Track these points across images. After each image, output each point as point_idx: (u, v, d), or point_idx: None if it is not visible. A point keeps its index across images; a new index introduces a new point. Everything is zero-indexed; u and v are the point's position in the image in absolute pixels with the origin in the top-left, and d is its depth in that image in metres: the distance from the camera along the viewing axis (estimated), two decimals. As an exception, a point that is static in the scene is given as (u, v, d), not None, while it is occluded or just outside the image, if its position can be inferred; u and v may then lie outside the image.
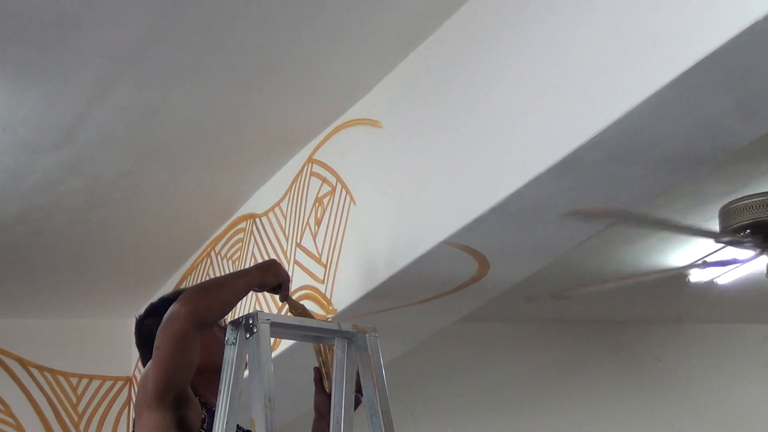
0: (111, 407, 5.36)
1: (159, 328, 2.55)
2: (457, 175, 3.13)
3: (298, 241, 3.97)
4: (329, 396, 2.63)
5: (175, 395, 2.51)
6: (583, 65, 2.68)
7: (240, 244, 4.38)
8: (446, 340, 5.45)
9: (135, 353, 5.37)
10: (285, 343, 3.76)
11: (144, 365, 2.77)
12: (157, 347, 2.53)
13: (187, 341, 2.51)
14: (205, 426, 2.53)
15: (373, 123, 3.52)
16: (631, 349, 6.76)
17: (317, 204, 3.82)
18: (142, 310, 2.88)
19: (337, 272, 3.68)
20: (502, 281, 3.53)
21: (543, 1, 2.85)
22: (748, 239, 4.65)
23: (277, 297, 2.80)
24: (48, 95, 3.47)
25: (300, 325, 2.65)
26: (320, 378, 2.74)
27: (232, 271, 2.80)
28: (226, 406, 2.40)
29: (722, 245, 4.80)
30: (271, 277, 2.80)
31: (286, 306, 2.81)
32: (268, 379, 2.38)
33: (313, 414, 2.74)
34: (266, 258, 4.17)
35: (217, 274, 4.36)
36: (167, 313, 2.56)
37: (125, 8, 3.04)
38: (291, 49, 3.32)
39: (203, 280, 2.68)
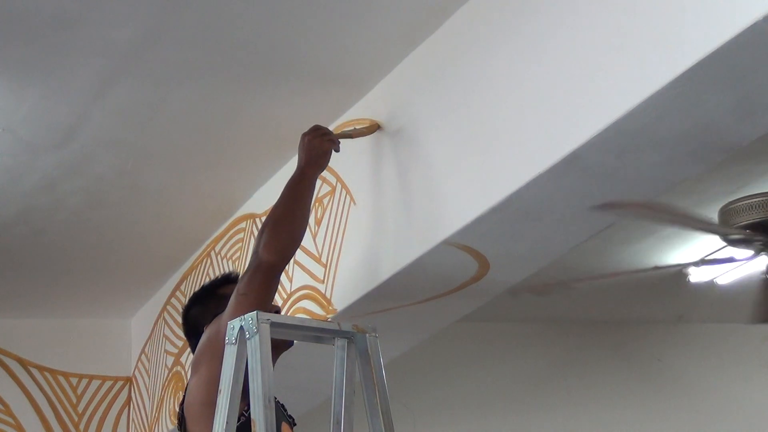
0: (111, 407, 5.35)
1: (247, 276, 2.65)
2: (457, 175, 3.13)
3: (298, 241, 3.97)
4: None
5: None
6: (583, 65, 2.68)
7: (240, 244, 4.38)
8: (446, 340, 5.45)
9: (135, 353, 5.39)
10: (285, 343, 3.76)
11: (194, 353, 2.83)
12: (244, 294, 2.58)
13: (275, 288, 2.57)
14: None
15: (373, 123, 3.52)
16: (631, 349, 6.76)
17: (317, 204, 3.81)
18: (186, 302, 3.00)
19: (337, 272, 3.68)
20: (502, 281, 3.53)
21: (542, 2, 2.85)
22: (748, 239, 4.66)
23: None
24: (48, 95, 3.47)
25: (300, 325, 2.65)
26: None
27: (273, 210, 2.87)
28: (226, 405, 2.40)
29: (723, 245, 4.80)
30: (321, 159, 2.94)
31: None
32: (268, 379, 2.38)
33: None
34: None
35: (217, 275, 4.35)
36: (256, 261, 2.67)
37: (125, 8, 3.04)
38: (291, 48, 3.32)
39: (270, 213, 2.85)
